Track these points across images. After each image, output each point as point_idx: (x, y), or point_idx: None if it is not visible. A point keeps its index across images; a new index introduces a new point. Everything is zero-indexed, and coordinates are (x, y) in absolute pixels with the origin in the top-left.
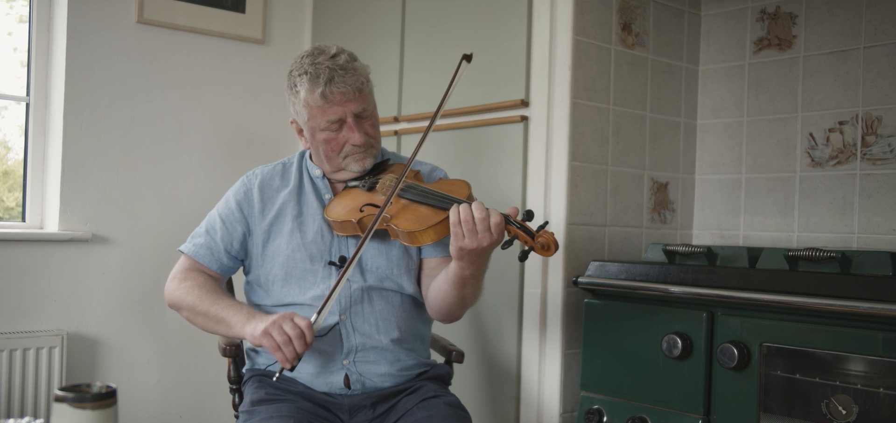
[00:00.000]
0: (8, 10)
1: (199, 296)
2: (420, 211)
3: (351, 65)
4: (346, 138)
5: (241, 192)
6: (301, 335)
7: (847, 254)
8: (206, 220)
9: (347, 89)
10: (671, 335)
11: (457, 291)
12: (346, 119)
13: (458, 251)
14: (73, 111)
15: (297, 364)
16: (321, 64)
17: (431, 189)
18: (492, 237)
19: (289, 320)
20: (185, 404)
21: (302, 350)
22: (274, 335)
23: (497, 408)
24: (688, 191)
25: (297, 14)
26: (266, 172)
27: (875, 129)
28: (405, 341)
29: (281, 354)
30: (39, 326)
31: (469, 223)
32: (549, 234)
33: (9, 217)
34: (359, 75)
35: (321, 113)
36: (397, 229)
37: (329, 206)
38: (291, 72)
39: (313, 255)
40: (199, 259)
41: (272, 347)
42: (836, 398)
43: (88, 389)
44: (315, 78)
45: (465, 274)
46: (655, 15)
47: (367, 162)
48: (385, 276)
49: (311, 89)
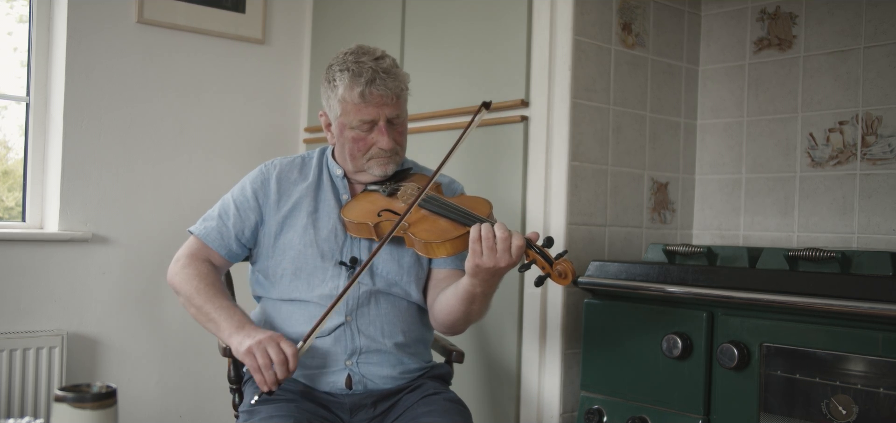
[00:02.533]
0: (8, 10)
1: (197, 287)
2: (439, 224)
3: (394, 70)
4: (374, 141)
5: (258, 180)
6: (284, 362)
7: (847, 254)
8: (220, 204)
9: (387, 93)
10: (671, 335)
11: (465, 307)
12: (378, 122)
13: (474, 268)
14: (73, 111)
15: (275, 390)
16: (365, 63)
17: (454, 203)
18: (510, 259)
19: (275, 343)
20: (185, 404)
21: (282, 377)
22: (256, 356)
23: (497, 408)
24: (688, 191)
25: (297, 14)
26: (285, 164)
27: (875, 129)
28: (409, 346)
29: (260, 376)
30: (39, 326)
31: (490, 242)
32: (568, 263)
33: (9, 217)
34: (400, 81)
35: (356, 111)
36: (415, 239)
37: (347, 206)
38: (331, 66)
39: (325, 253)
40: (208, 242)
41: (253, 367)
42: (836, 398)
43: (88, 389)
44: (357, 76)
45: (476, 292)
46: (655, 15)
47: (390, 168)
48: (394, 282)
49: (350, 86)
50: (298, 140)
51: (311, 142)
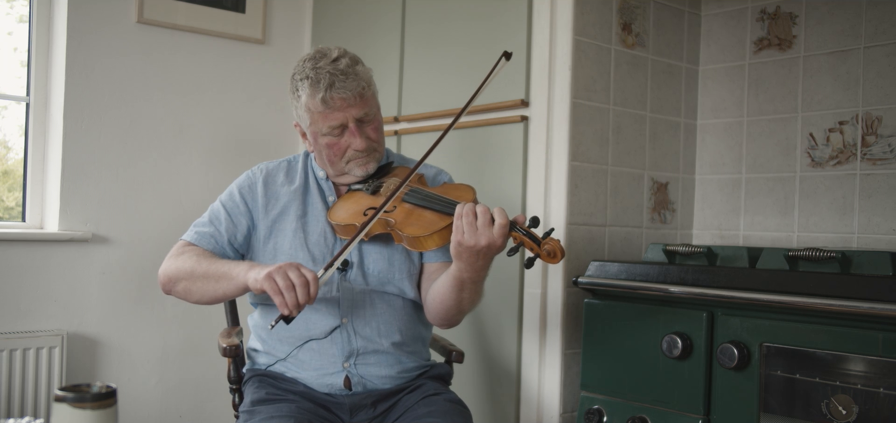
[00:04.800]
0: (8, 9)
1: (198, 260)
2: (425, 216)
3: (352, 69)
4: (348, 143)
5: (245, 185)
6: (305, 284)
7: (847, 254)
8: (210, 211)
9: (348, 95)
10: (671, 335)
11: (455, 294)
12: (347, 124)
13: (457, 247)
14: (73, 111)
15: (296, 314)
16: (322, 68)
17: (436, 194)
18: (491, 236)
19: (295, 268)
20: (185, 404)
21: (304, 301)
22: (277, 280)
23: (497, 408)
24: (688, 191)
25: (297, 14)
26: (271, 168)
27: (875, 129)
28: (406, 345)
29: (281, 298)
30: (39, 326)
31: (469, 218)
32: (555, 241)
33: (9, 217)
34: (360, 80)
35: (323, 118)
36: (402, 234)
37: (332, 209)
38: (293, 75)
39: (315, 257)
40: (202, 246)
41: (274, 290)
42: (836, 398)
43: (88, 389)
44: (316, 83)
45: (464, 277)
46: (655, 15)
47: (370, 166)
48: (387, 280)
49: (312, 94)
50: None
51: None
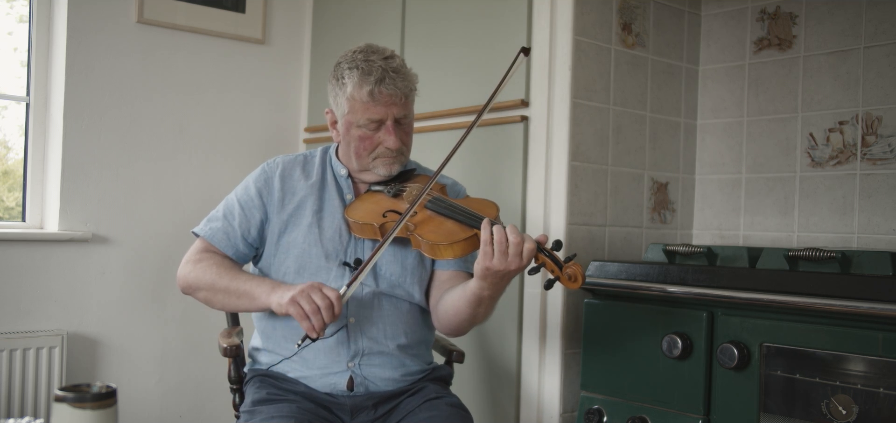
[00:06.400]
0: (8, 10)
1: (219, 273)
2: (446, 225)
3: (404, 70)
4: (380, 140)
5: (261, 179)
6: (330, 306)
7: (847, 254)
8: (224, 204)
9: (396, 92)
10: (671, 335)
11: (471, 309)
12: (386, 121)
13: (484, 271)
14: (73, 111)
15: (323, 335)
16: (374, 62)
17: (460, 205)
18: (521, 263)
19: (317, 289)
20: (185, 404)
21: (329, 321)
22: (302, 304)
23: (497, 408)
24: (688, 191)
25: (297, 14)
26: (287, 162)
27: (875, 129)
28: (411, 348)
29: (308, 323)
30: (39, 326)
31: (502, 245)
32: (577, 266)
33: (9, 217)
34: (409, 82)
35: (364, 110)
36: (421, 239)
37: (350, 206)
38: (340, 63)
39: (329, 253)
40: (214, 242)
41: (300, 315)
42: (836, 398)
43: (88, 389)
44: (367, 74)
45: (484, 295)
46: (655, 15)
47: (395, 168)
48: (397, 283)
49: (359, 85)
50: (298, 140)
51: (311, 142)
